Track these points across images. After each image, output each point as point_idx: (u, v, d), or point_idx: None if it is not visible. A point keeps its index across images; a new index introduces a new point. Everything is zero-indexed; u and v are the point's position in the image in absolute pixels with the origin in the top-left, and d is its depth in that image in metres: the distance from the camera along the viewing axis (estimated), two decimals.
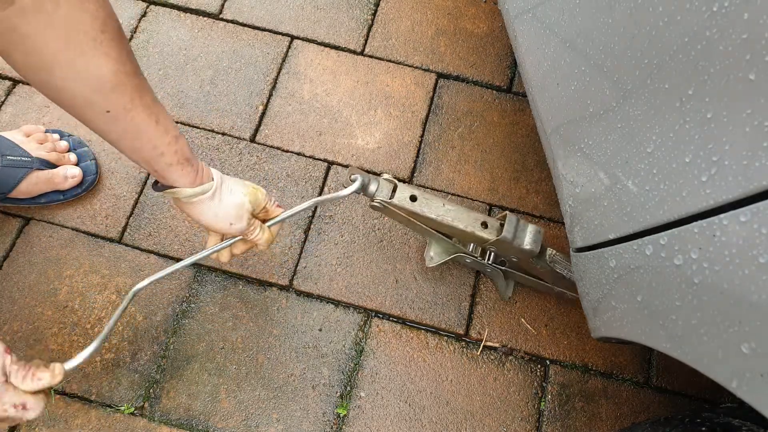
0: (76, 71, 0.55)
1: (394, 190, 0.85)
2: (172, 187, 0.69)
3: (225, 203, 0.74)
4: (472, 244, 0.94)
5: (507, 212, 0.85)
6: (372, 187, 0.84)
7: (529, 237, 0.83)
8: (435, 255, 0.96)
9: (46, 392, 0.65)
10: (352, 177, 0.84)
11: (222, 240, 0.82)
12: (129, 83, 0.59)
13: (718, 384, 0.45)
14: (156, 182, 0.72)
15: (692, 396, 0.96)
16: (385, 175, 0.87)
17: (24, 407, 0.62)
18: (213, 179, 0.72)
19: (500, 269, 0.94)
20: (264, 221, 0.82)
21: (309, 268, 1.01)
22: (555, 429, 0.93)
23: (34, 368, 0.63)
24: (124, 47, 0.58)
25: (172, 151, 0.66)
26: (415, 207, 0.84)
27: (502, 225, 0.84)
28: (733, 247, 0.43)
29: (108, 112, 0.59)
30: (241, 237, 0.79)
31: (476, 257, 0.94)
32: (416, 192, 0.85)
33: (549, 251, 0.87)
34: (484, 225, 0.84)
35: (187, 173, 0.69)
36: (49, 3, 0.51)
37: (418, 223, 0.88)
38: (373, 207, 0.86)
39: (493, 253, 0.94)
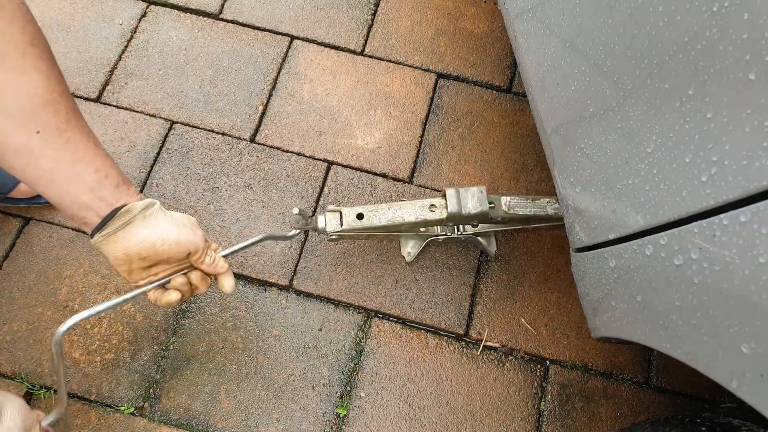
0: (2, 85, 0.50)
1: (341, 217, 0.86)
2: (122, 206, 0.60)
3: (176, 215, 0.67)
4: (437, 226, 0.97)
5: (445, 188, 0.88)
6: (320, 225, 0.86)
7: (472, 201, 0.87)
8: (411, 249, 1.00)
9: None
10: (293, 232, 0.86)
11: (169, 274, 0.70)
12: (63, 102, 0.54)
13: (718, 384, 0.45)
14: (94, 231, 0.61)
15: (692, 396, 0.96)
16: (329, 207, 0.89)
17: None
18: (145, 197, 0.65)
19: (474, 234, 0.97)
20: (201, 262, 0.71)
21: (309, 268, 1.01)
22: (555, 429, 0.93)
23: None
24: (55, 65, 0.54)
25: (115, 173, 0.59)
26: (365, 223, 0.87)
27: (446, 202, 0.87)
28: (733, 247, 0.42)
29: (38, 132, 0.53)
30: (178, 275, 0.69)
31: (446, 234, 0.97)
32: (360, 209, 0.88)
33: (503, 200, 0.89)
34: (432, 208, 0.88)
35: (133, 192, 0.62)
36: None
37: (381, 234, 0.91)
38: (331, 241, 0.89)
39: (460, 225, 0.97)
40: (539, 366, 0.97)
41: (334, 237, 0.88)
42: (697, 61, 0.45)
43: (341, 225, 0.86)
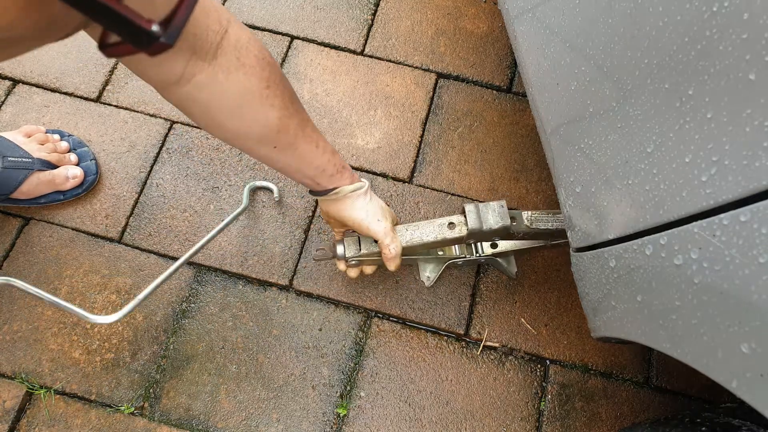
0: (246, 123, 0.65)
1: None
2: (332, 189, 0.78)
3: (375, 200, 0.83)
4: (456, 248, 0.95)
5: (464, 204, 0.86)
6: (340, 251, 0.86)
7: (493, 216, 0.84)
8: (430, 273, 0.99)
9: None
10: (315, 256, 0.90)
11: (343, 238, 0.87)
12: (291, 124, 0.68)
13: (718, 384, 0.45)
14: (311, 191, 0.80)
15: (692, 396, 0.96)
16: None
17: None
18: (363, 181, 0.81)
19: (493, 256, 0.95)
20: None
21: (309, 268, 1.01)
22: (555, 429, 0.93)
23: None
24: (287, 95, 0.67)
25: (331, 165, 0.75)
26: None
27: (465, 218, 0.85)
28: (733, 247, 0.42)
29: (275, 147, 0.69)
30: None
31: (465, 256, 0.95)
32: None
33: (525, 214, 0.87)
34: (451, 226, 0.86)
35: (345, 177, 0.78)
36: (221, 74, 0.59)
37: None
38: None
39: (479, 245, 0.95)
40: (539, 366, 0.97)
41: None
42: (697, 61, 0.45)
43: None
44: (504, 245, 0.95)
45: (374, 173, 1.09)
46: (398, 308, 0.99)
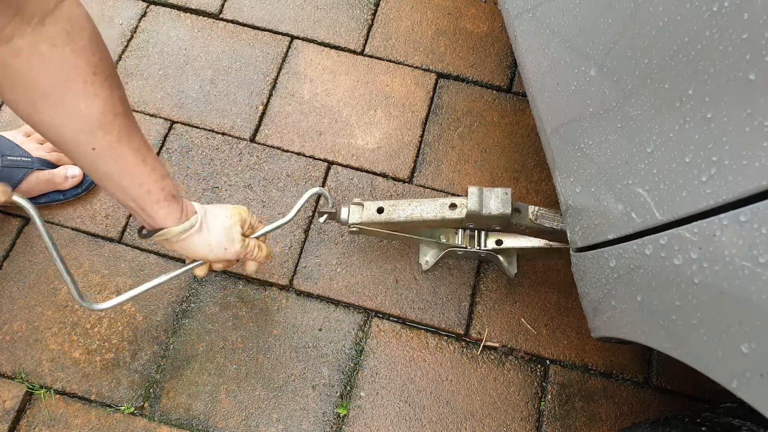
0: (64, 110, 0.57)
1: (363, 211, 0.87)
2: (160, 229, 0.70)
3: (214, 231, 0.75)
4: (459, 237, 0.95)
5: (468, 186, 0.85)
6: (344, 215, 0.87)
7: (495, 201, 0.83)
8: (429, 258, 0.98)
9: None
10: (320, 216, 0.90)
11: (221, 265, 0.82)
12: (116, 123, 0.61)
13: (718, 384, 0.45)
14: (141, 229, 0.73)
15: (692, 396, 0.96)
16: (355, 200, 0.90)
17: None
18: (197, 212, 0.73)
19: (493, 251, 0.95)
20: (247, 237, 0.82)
21: (309, 268, 1.01)
22: (555, 429, 0.93)
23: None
24: (116, 90, 0.60)
25: (158, 188, 0.67)
26: (384, 217, 0.87)
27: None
28: (733, 247, 0.42)
29: (93, 149, 0.61)
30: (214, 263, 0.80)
31: (466, 247, 0.95)
32: (382, 204, 0.88)
33: (532, 208, 0.86)
34: (453, 206, 0.86)
35: (173, 210, 0.69)
36: (45, 45, 0.53)
37: (398, 233, 0.90)
38: (351, 233, 0.90)
39: (482, 239, 0.94)
40: (539, 366, 0.97)
41: (354, 229, 0.88)
42: (697, 61, 0.45)
43: (361, 218, 0.87)
44: (507, 243, 0.94)
45: (374, 173, 1.09)
46: (398, 308, 0.99)
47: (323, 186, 1.07)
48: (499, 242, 0.95)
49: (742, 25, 0.40)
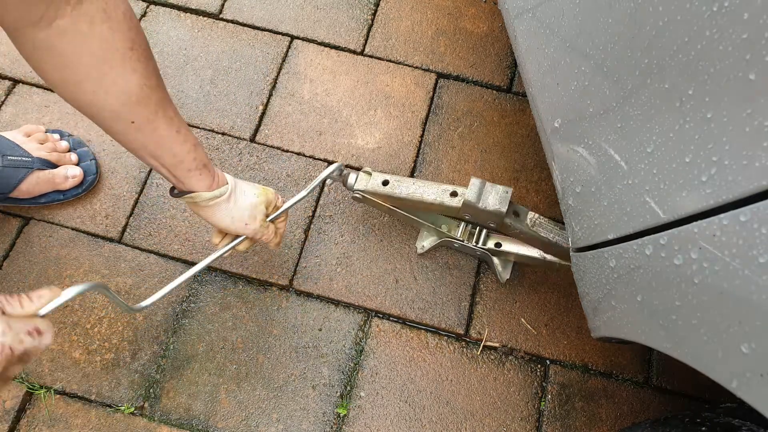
0: (105, 86, 0.59)
1: (369, 179, 0.90)
2: (190, 192, 0.72)
3: (240, 205, 0.77)
4: (460, 230, 0.96)
5: (472, 176, 0.87)
6: (351, 181, 0.91)
7: (494, 197, 0.83)
8: (425, 243, 1.00)
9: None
10: (330, 177, 0.91)
11: (228, 238, 0.84)
12: (153, 96, 0.63)
13: (718, 384, 0.45)
14: (172, 189, 0.75)
15: (692, 396, 0.96)
16: (365, 168, 0.92)
17: (38, 331, 0.51)
18: (228, 183, 0.76)
19: (489, 251, 0.95)
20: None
21: (309, 268, 1.01)
22: (555, 429, 0.93)
23: (24, 294, 0.54)
24: (151, 63, 0.62)
25: (191, 158, 0.70)
26: (387, 190, 0.89)
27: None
28: (733, 247, 0.42)
29: (133, 122, 0.63)
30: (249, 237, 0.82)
31: (463, 241, 0.96)
32: (388, 177, 0.90)
33: (531, 214, 0.86)
34: (453, 194, 0.86)
35: (204, 178, 0.72)
36: (85, 24, 0.55)
37: (398, 210, 0.92)
38: (354, 198, 0.92)
39: (482, 237, 0.96)
40: (539, 366, 0.97)
41: (358, 195, 0.91)
42: (697, 61, 0.45)
43: (365, 186, 0.89)
44: (506, 247, 0.95)
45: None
46: (398, 308, 0.99)
47: (323, 186, 1.07)
48: (498, 245, 0.95)
49: (742, 25, 0.40)
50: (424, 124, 1.14)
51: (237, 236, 0.82)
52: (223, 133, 1.10)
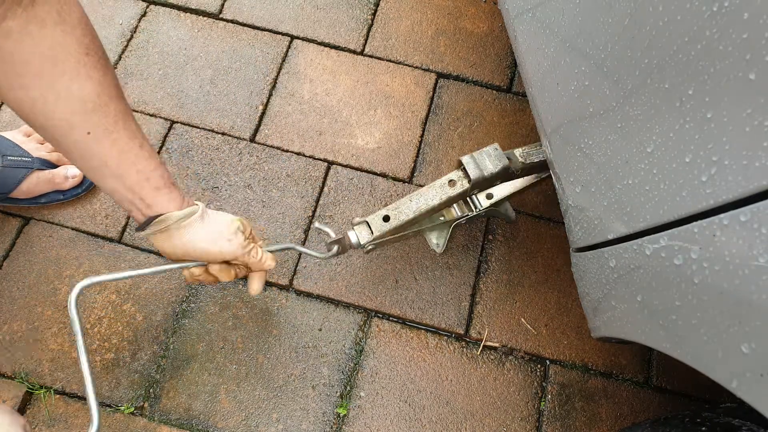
0: (56, 91, 0.55)
1: (369, 227, 0.86)
2: (158, 216, 0.66)
3: (216, 221, 0.71)
4: (455, 209, 0.97)
5: (460, 158, 0.86)
6: (353, 241, 0.85)
7: (491, 160, 0.85)
8: (437, 240, 0.99)
9: None
10: (328, 248, 0.87)
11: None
12: (112, 106, 0.59)
13: (718, 384, 0.45)
14: (138, 226, 0.68)
15: (692, 396, 0.96)
16: (355, 220, 0.88)
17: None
18: (197, 203, 0.70)
19: (491, 207, 0.97)
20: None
21: (309, 268, 1.01)
22: (555, 429, 0.93)
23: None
24: (109, 73, 0.59)
25: (157, 175, 0.64)
26: (393, 223, 0.86)
27: (464, 170, 0.86)
28: (733, 247, 0.42)
29: (89, 133, 0.58)
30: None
31: (467, 214, 0.96)
32: (384, 212, 0.86)
33: (518, 151, 0.89)
34: (452, 183, 0.87)
35: (174, 197, 0.67)
36: (35, 26, 0.52)
37: (407, 232, 0.91)
38: (368, 252, 0.88)
39: (476, 198, 0.97)
40: (539, 366, 0.97)
41: (370, 247, 0.86)
42: (697, 61, 0.45)
43: (372, 234, 0.85)
44: (499, 193, 0.97)
45: (374, 173, 1.09)
46: (398, 308, 0.99)
47: (323, 186, 1.07)
48: (489, 196, 0.97)
49: (742, 25, 0.40)
50: (424, 124, 1.14)
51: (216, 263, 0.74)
52: (223, 133, 1.10)
